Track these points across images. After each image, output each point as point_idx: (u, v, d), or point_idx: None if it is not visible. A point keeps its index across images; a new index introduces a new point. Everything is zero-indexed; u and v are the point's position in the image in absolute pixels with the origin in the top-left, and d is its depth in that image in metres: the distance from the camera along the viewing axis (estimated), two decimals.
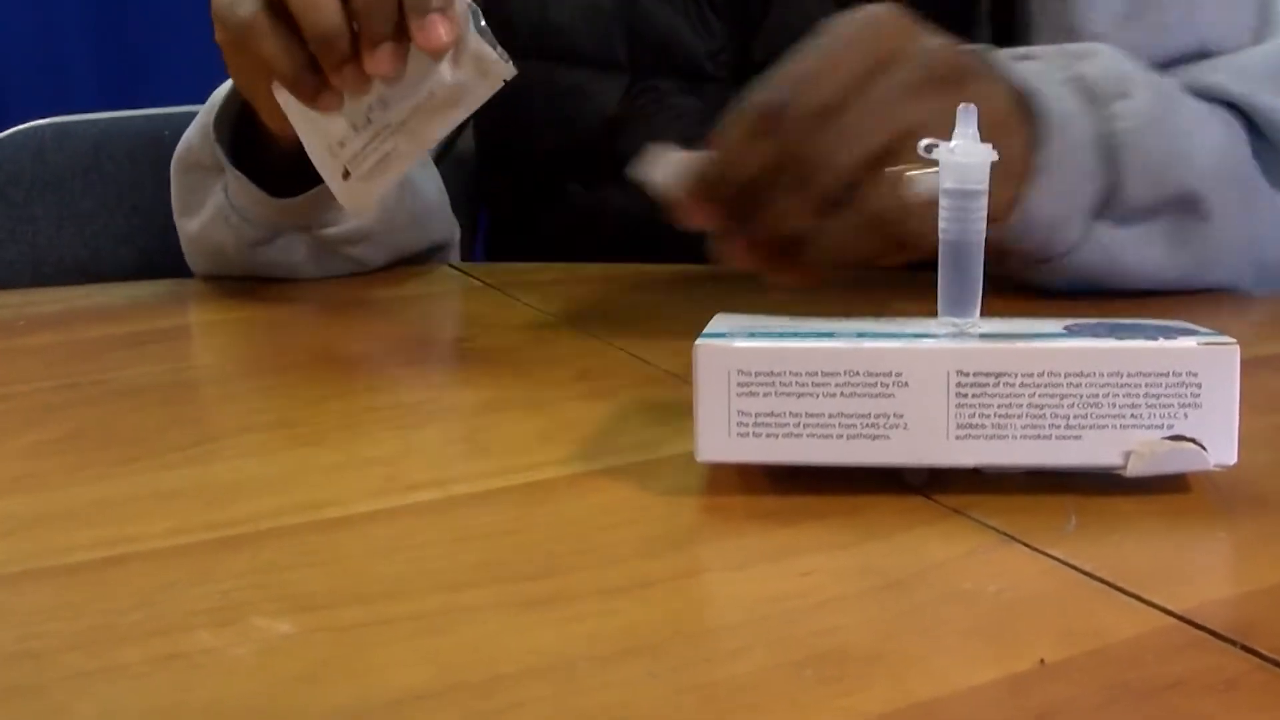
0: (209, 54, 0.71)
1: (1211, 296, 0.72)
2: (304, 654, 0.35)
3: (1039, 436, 0.43)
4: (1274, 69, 0.77)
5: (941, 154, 0.47)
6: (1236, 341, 0.43)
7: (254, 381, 0.64)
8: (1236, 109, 0.75)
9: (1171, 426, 0.43)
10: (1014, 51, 0.72)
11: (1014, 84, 0.65)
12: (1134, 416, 0.43)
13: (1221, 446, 0.43)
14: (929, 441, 0.43)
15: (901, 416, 0.43)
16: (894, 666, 0.34)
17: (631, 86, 0.89)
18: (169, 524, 0.44)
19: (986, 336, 0.44)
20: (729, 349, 0.44)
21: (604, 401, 0.56)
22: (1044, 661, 0.34)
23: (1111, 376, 0.43)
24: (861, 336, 0.44)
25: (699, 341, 0.44)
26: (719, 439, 0.44)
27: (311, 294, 0.79)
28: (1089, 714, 0.32)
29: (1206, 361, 0.43)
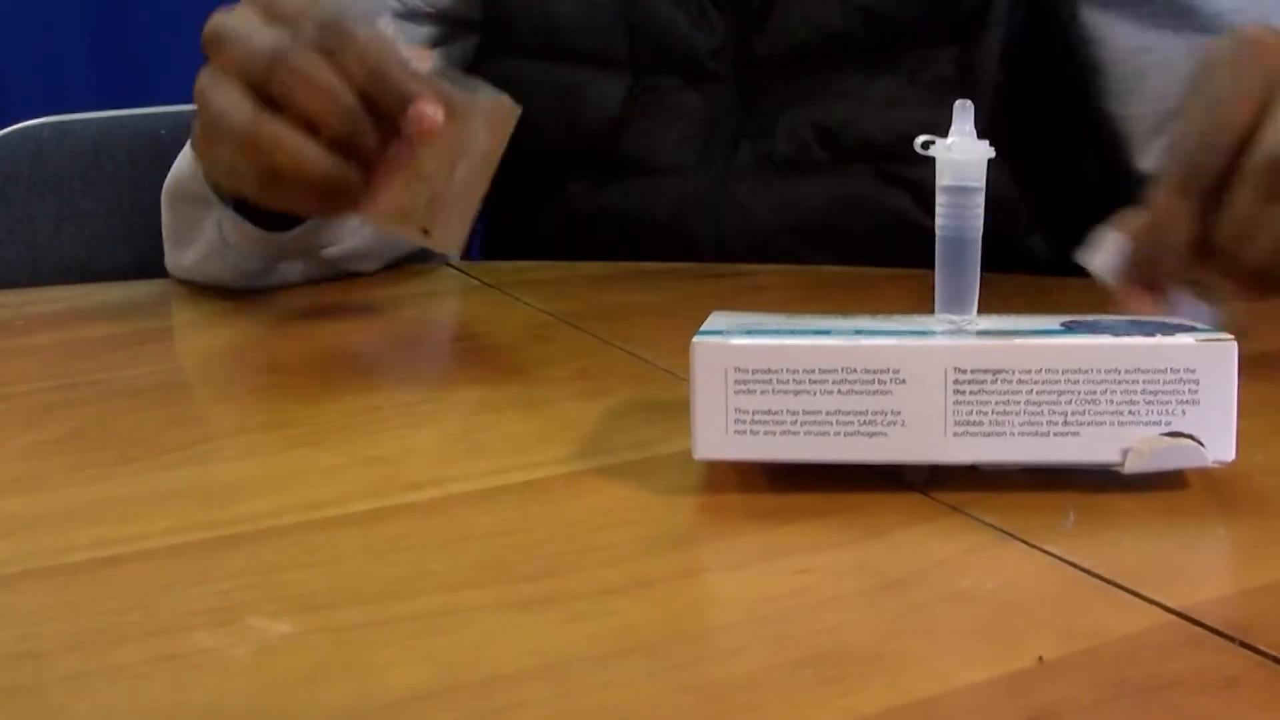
0: None
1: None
2: (302, 654, 0.35)
3: (1037, 433, 0.43)
4: None
5: (938, 151, 0.47)
6: (1234, 338, 0.43)
7: (252, 381, 0.64)
8: None
9: (1169, 423, 0.43)
10: None
11: None
12: (1132, 413, 0.43)
13: (1219, 443, 0.43)
14: (927, 439, 0.43)
15: (899, 414, 0.43)
16: (892, 665, 0.34)
17: (633, 85, 0.88)
18: (168, 524, 0.44)
19: (984, 333, 0.44)
20: (726, 346, 0.44)
21: (602, 400, 0.56)
22: (1042, 659, 0.34)
23: (1109, 373, 0.43)
24: (859, 334, 0.44)
25: (696, 339, 0.44)
26: (716, 437, 0.44)
27: (310, 294, 0.78)
28: (1087, 712, 0.32)
29: (1204, 358, 0.43)
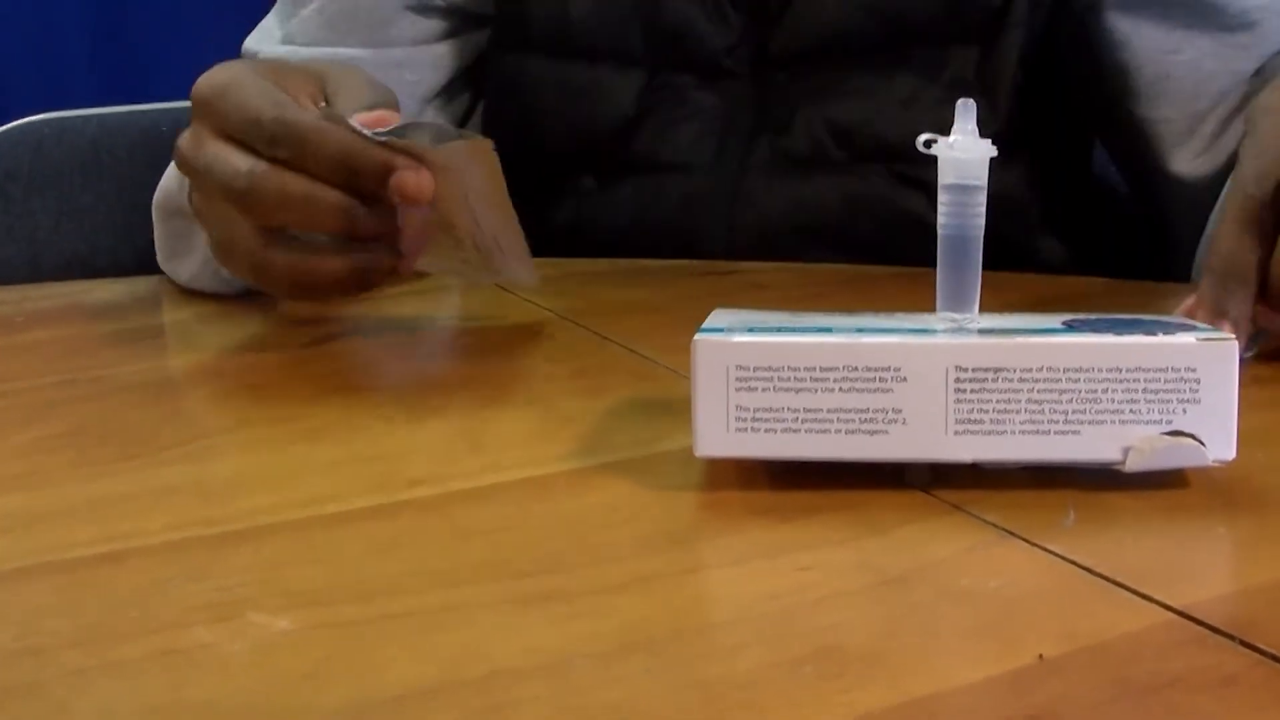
0: (207, 49, 0.71)
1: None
2: (303, 650, 0.35)
3: (1038, 432, 0.43)
4: None
5: (940, 149, 0.47)
6: (1235, 337, 0.43)
7: (252, 378, 0.64)
8: None
9: (1170, 422, 0.43)
10: None
11: None
12: (1133, 412, 0.43)
13: (1220, 442, 0.43)
14: (928, 437, 0.43)
15: (900, 411, 0.43)
16: (893, 663, 0.34)
17: (649, 82, 0.88)
18: (168, 520, 0.44)
19: (985, 332, 0.44)
20: (727, 344, 0.44)
21: (602, 397, 0.56)
22: (1043, 657, 0.34)
23: (1110, 372, 0.43)
24: (860, 331, 0.44)
25: (697, 336, 0.44)
26: (717, 434, 0.44)
27: None
28: (1088, 710, 0.32)
29: (1205, 357, 0.43)
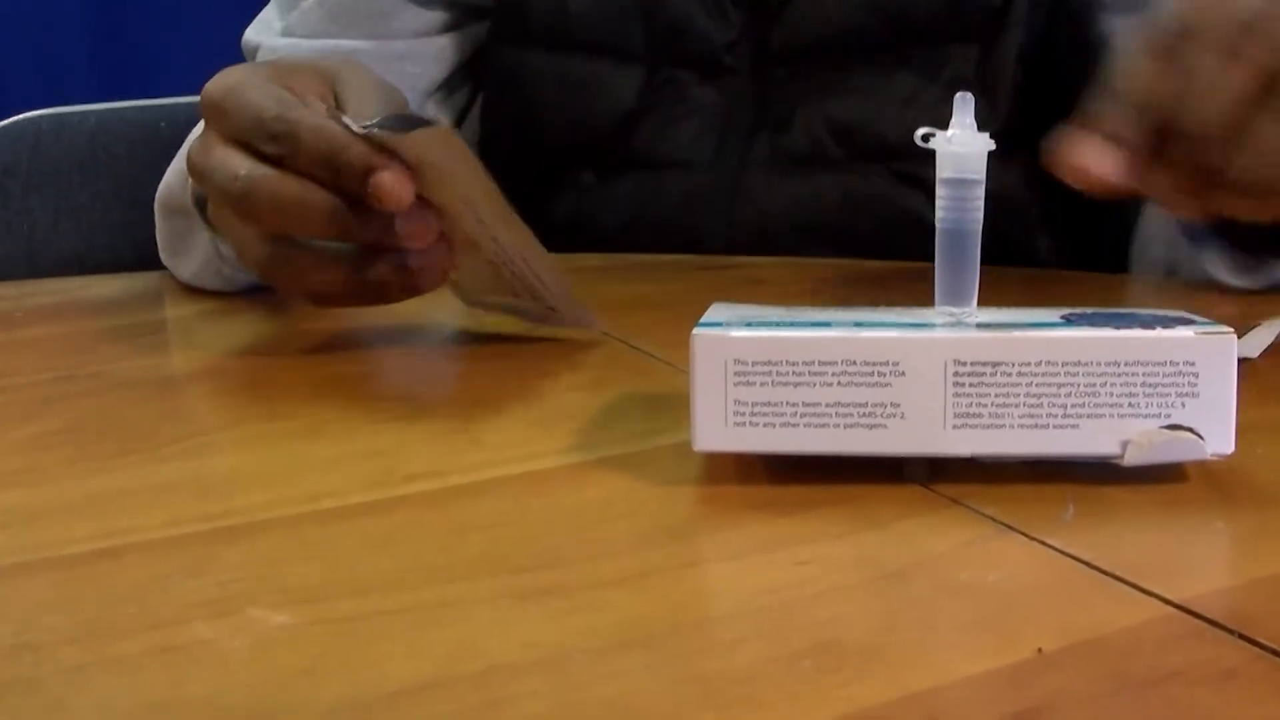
0: (206, 45, 0.71)
1: (1209, 287, 0.72)
2: (301, 646, 0.35)
3: (1036, 426, 0.43)
4: None
5: (938, 143, 0.47)
6: (1233, 330, 0.43)
7: (250, 374, 0.64)
8: None
9: (1169, 416, 0.43)
10: None
11: None
12: (1131, 406, 0.43)
13: (1219, 436, 0.43)
14: (926, 431, 0.43)
15: (899, 406, 0.43)
16: (892, 656, 0.34)
17: (649, 78, 0.88)
18: (166, 516, 0.44)
19: (984, 326, 0.44)
20: (726, 338, 0.44)
21: (600, 392, 0.56)
22: (1042, 651, 0.34)
23: (1109, 366, 0.43)
24: (859, 326, 0.44)
25: (696, 331, 0.44)
26: (716, 429, 0.44)
27: None
28: (1087, 704, 0.32)
29: (1204, 350, 0.43)
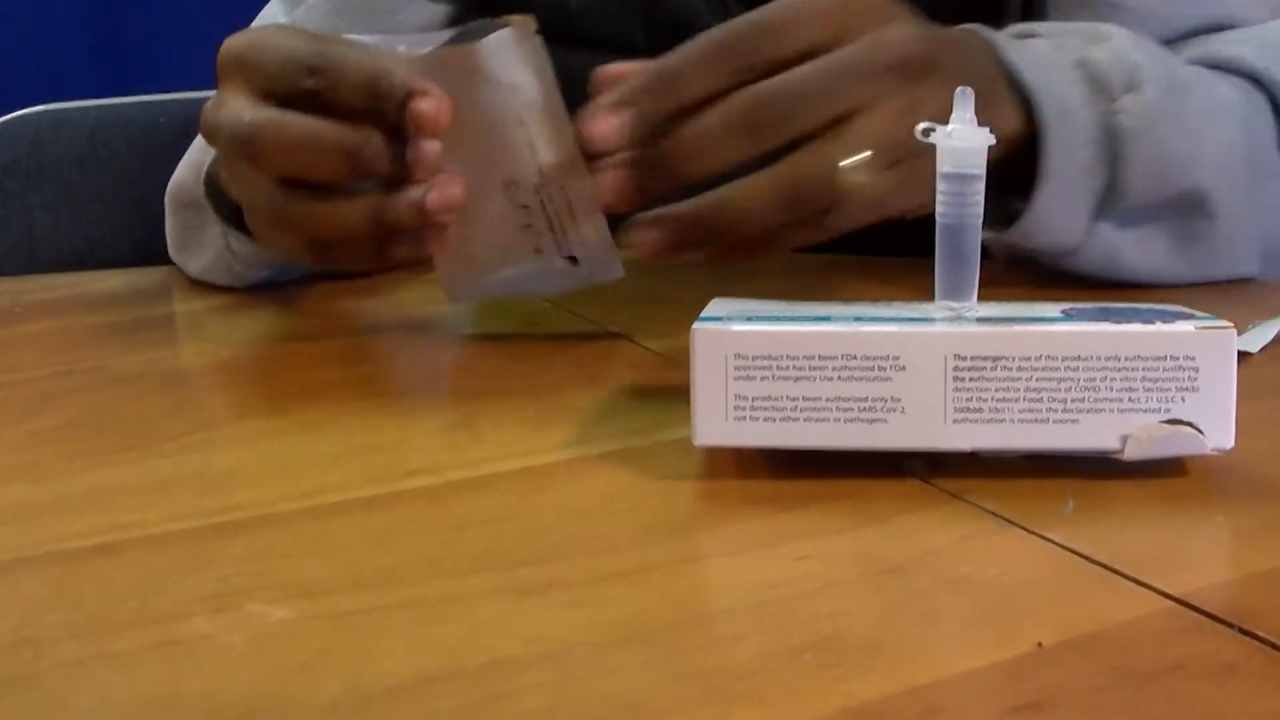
0: (205, 43, 0.71)
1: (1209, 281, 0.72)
2: (301, 641, 0.35)
3: (1036, 420, 0.43)
4: None
5: (938, 138, 0.47)
6: (1233, 325, 0.43)
7: (250, 369, 0.64)
8: (1258, 82, 0.74)
9: (1169, 410, 0.43)
10: (1022, 28, 0.71)
11: (1010, 73, 0.64)
12: (1131, 400, 0.43)
13: (1219, 430, 0.43)
14: (926, 425, 0.43)
15: (899, 400, 0.43)
16: (892, 651, 0.34)
17: None
18: (166, 511, 0.44)
19: (984, 320, 0.44)
20: (726, 333, 0.44)
21: (601, 387, 0.56)
22: (1042, 645, 0.34)
23: (1109, 360, 0.43)
24: (859, 320, 0.44)
25: (696, 325, 0.44)
26: (716, 423, 0.44)
27: (308, 283, 0.78)
28: (1087, 698, 0.32)
29: (1203, 345, 0.43)
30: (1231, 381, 0.43)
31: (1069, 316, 0.44)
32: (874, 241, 0.82)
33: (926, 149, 0.57)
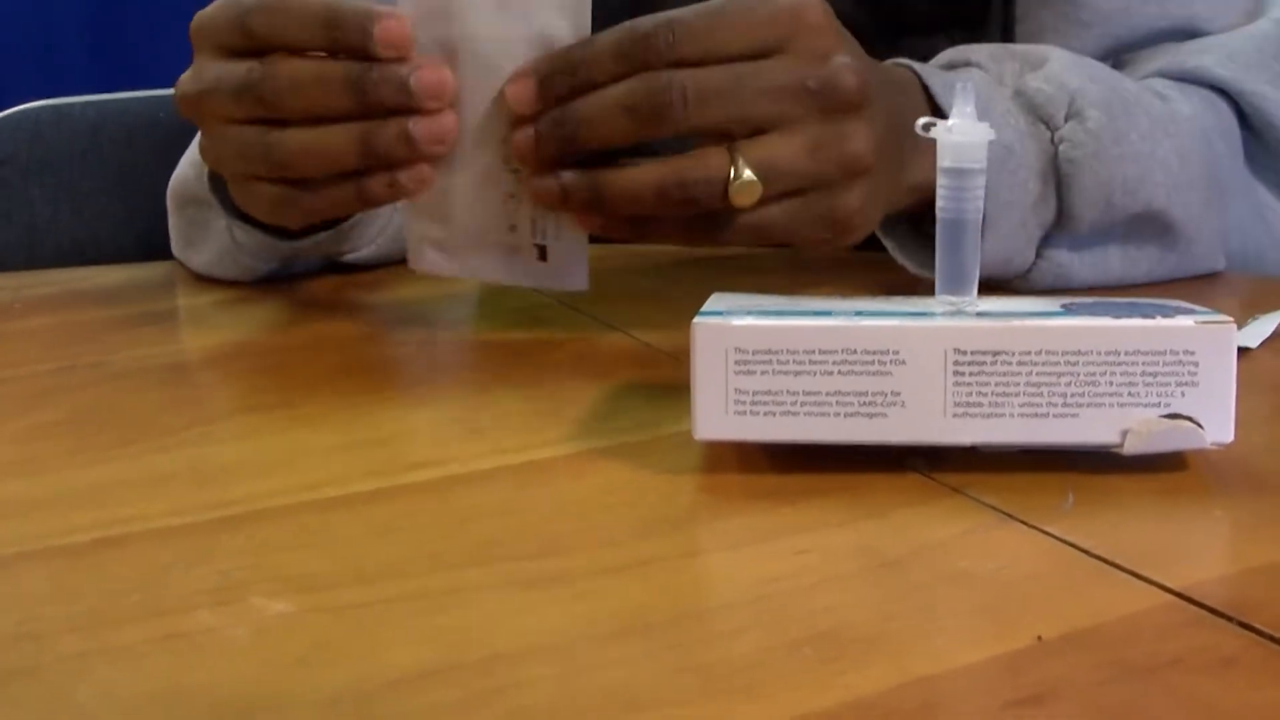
0: None
1: (1209, 277, 0.72)
2: (303, 634, 0.35)
3: (1036, 415, 0.43)
4: (1262, 53, 0.76)
5: (939, 133, 0.47)
6: (1233, 320, 0.43)
7: (251, 363, 0.64)
8: (1224, 93, 0.74)
9: (1169, 405, 0.43)
10: (958, 55, 0.70)
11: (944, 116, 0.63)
12: (1131, 395, 0.43)
13: (1218, 425, 0.43)
14: (926, 420, 0.43)
15: (899, 395, 0.43)
16: (892, 645, 0.34)
17: None
18: (167, 505, 0.44)
19: (984, 315, 0.44)
20: (727, 327, 0.44)
21: (601, 381, 0.56)
22: (1041, 639, 0.34)
23: (1109, 355, 0.43)
24: (859, 315, 0.44)
25: (697, 320, 0.44)
26: (716, 417, 0.44)
27: (309, 277, 0.78)
28: (1086, 691, 0.32)
29: (1203, 340, 0.43)
30: (1231, 376, 0.43)
31: (1069, 311, 0.44)
32: (874, 238, 0.82)
33: (838, 184, 0.58)
